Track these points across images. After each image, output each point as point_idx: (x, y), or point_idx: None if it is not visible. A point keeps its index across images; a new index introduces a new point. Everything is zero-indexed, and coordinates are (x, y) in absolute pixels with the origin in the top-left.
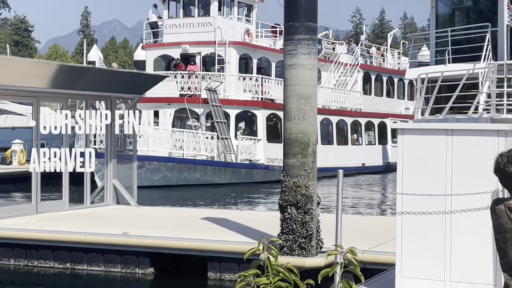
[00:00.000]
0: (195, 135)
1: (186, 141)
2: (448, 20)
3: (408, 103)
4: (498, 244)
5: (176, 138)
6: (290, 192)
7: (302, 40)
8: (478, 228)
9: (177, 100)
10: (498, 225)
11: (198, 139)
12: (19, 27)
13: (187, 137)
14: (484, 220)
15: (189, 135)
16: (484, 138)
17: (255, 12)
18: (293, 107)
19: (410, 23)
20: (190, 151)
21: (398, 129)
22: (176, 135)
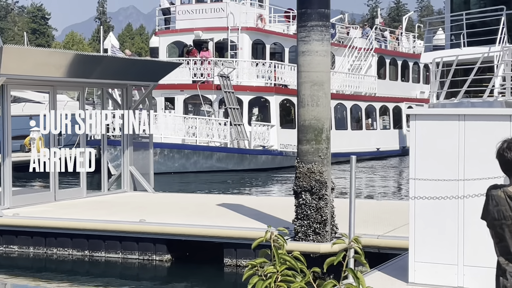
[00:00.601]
0: (208, 122)
1: (199, 127)
2: (464, 3)
3: (423, 87)
4: (495, 229)
5: (189, 124)
6: (305, 178)
7: (315, 27)
8: None
9: (190, 86)
10: (497, 212)
11: (211, 126)
12: (36, 15)
13: (200, 123)
14: None
15: (202, 122)
16: (496, 123)
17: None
18: (307, 94)
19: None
20: (203, 137)
21: (411, 114)
22: (189, 122)
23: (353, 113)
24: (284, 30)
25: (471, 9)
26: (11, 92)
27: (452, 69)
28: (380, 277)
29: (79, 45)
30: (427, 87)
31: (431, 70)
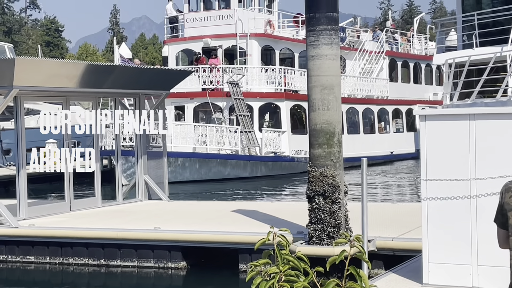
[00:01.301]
0: (218, 129)
1: (209, 135)
2: (475, 3)
3: (436, 88)
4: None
5: (199, 133)
6: (317, 182)
7: (324, 31)
8: None
9: (200, 94)
10: None
11: (222, 133)
12: (49, 28)
13: (210, 131)
14: None
15: (212, 130)
16: (507, 122)
17: (277, 2)
18: (317, 98)
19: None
20: (214, 145)
21: (421, 115)
22: (199, 130)
23: (366, 117)
24: (293, 35)
25: (482, 9)
26: (24, 104)
27: (464, 70)
28: (395, 278)
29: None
30: (440, 88)
31: (444, 72)
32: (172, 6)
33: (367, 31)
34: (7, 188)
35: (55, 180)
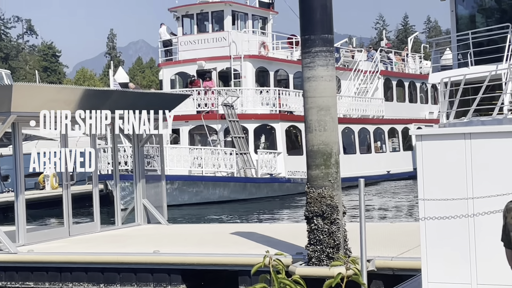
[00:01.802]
0: (213, 152)
1: (205, 158)
2: (469, 22)
3: (432, 107)
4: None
5: (194, 155)
6: (315, 203)
7: (319, 52)
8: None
9: (195, 117)
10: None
11: (217, 156)
12: (47, 53)
13: (206, 154)
14: None
15: (207, 152)
16: (503, 140)
17: (271, 24)
18: (314, 119)
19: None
20: (210, 168)
21: (417, 135)
22: (194, 153)
23: (361, 136)
24: (287, 57)
25: (477, 28)
26: (22, 130)
27: (460, 88)
28: None
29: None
30: (435, 107)
31: (439, 90)
32: (165, 30)
33: (361, 51)
34: (5, 214)
35: (54, 205)
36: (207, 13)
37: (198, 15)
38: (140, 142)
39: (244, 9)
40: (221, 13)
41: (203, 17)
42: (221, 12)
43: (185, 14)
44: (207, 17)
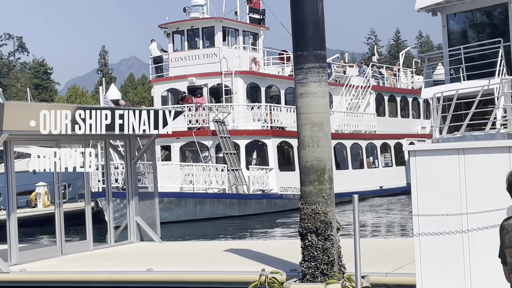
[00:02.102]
0: (205, 168)
1: (196, 174)
2: (461, 37)
3: (424, 122)
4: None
5: (186, 172)
6: (309, 219)
7: (312, 69)
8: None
9: (186, 133)
10: (509, 238)
11: (209, 172)
12: (38, 70)
13: (197, 170)
14: None
15: (199, 169)
16: (496, 155)
17: (262, 40)
18: (307, 135)
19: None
20: (201, 184)
21: (410, 151)
22: (186, 169)
23: (354, 152)
24: (279, 72)
25: (469, 43)
26: (14, 148)
27: (453, 103)
28: None
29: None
30: (428, 122)
31: (432, 105)
32: (156, 46)
33: (353, 66)
34: None
35: (46, 223)
36: (198, 29)
37: (188, 31)
38: (133, 159)
39: (234, 25)
40: (212, 29)
41: (194, 34)
42: (211, 28)
43: (176, 31)
44: (198, 34)
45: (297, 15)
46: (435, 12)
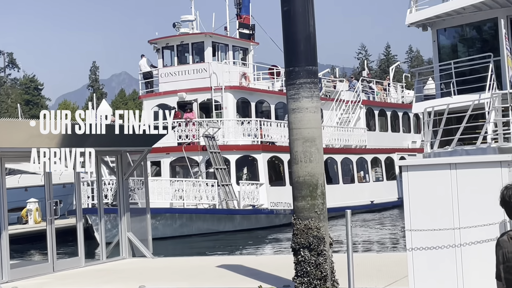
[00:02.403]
0: (195, 184)
1: (186, 190)
2: (451, 52)
3: (414, 136)
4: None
5: (176, 188)
6: (302, 234)
7: (304, 84)
8: (489, 259)
9: (176, 149)
10: (502, 255)
11: (199, 188)
12: (29, 86)
13: (187, 186)
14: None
15: (189, 184)
16: (488, 170)
17: (252, 55)
18: (299, 150)
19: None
20: (191, 200)
21: (403, 166)
22: (176, 185)
23: (344, 166)
24: (269, 87)
25: (459, 58)
26: (5, 164)
27: (444, 118)
28: None
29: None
30: (418, 136)
31: (423, 120)
32: (145, 62)
33: (343, 81)
34: None
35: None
36: (188, 44)
37: (178, 46)
38: (125, 174)
39: (224, 40)
40: (202, 45)
41: (184, 49)
42: (201, 43)
43: (165, 46)
44: (188, 49)
45: (289, 31)
46: (425, 27)
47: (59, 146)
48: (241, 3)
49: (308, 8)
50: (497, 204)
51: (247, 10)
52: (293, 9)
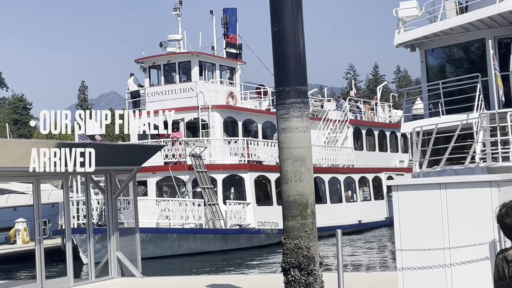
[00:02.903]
0: (181, 203)
1: (172, 209)
2: (439, 72)
3: (402, 155)
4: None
5: (162, 207)
6: (292, 254)
7: (294, 104)
8: (479, 278)
9: (162, 168)
10: (496, 272)
11: (185, 207)
12: (17, 106)
13: (174, 205)
14: (483, 269)
15: (175, 204)
16: (477, 190)
17: (239, 74)
18: (289, 170)
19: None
20: (177, 220)
21: (393, 185)
22: (162, 205)
23: (332, 186)
24: (256, 106)
25: (447, 78)
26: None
27: (432, 137)
28: None
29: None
30: (406, 156)
31: (412, 140)
32: (133, 81)
33: (330, 100)
34: None
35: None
36: (174, 64)
37: (165, 66)
38: (114, 193)
39: (211, 60)
40: (188, 64)
41: (170, 68)
42: (188, 62)
43: (152, 65)
44: (174, 68)
45: (278, 51)
46: (414, 48)
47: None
48: (228, 23)
49: (297, 28)
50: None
51: (234, 29)
52: (283, 29)
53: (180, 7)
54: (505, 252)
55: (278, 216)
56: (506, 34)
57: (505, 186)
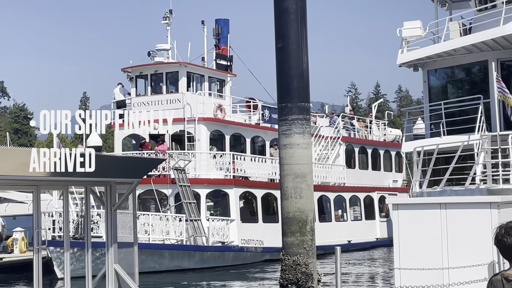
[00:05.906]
0: (162, 218)
1: (153, 224)
2: (441, 92)
3: (396, 175)
4: None
5: (142, 222)
6: (290, 270)
7: (296, 120)
8: None
9: (144, 181)
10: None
11: (166, 222)
12: (18, 115)
13: (154, 220)
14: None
15: (155, 218)
16: (478, 211)
17: (229, 87)
18: (290, 186)
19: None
20: (157, 235)
21: (393, 204)
22: (141, 219)
23: (321, 204)
24: (245, 120)
25: (448, 98)
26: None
27: (433, 158)
28: None
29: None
30: (400, 175)
31: (413, 159)
32: (119, 90)
33: (323, 116)
34: None
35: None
36: (162, 74)
37: (152, 75)
38: (113, 205)
39: (200, 71)
40: (176, 74)
41: (158, 78)
42: (176, 73)
43: (139, 75)
44: (162, 78)
45: (282, 67)
46: (416, 68)
47: (49, 175)
48: (220, 34)
49: (302, 45)
50: (486, 245)
51: (225, 41)
52: (287, 46)
53: (170, 16)
54: (503, 272)
55: (263, 234)
56: (509, 56)
57: (505, 207)
